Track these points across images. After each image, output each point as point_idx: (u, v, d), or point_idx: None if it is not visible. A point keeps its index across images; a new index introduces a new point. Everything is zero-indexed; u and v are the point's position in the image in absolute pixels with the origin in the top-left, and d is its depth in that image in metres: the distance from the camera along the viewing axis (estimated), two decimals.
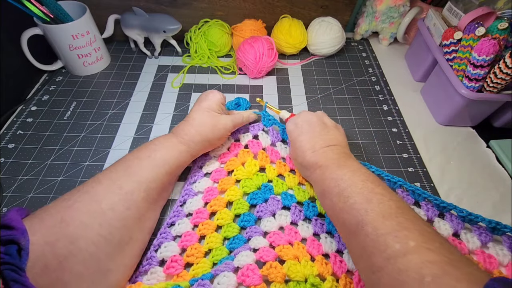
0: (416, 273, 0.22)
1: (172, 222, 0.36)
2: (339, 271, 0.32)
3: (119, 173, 0.31)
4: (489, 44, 0.38)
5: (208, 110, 0.39)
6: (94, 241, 0.27)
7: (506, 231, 0.35)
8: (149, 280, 0.31)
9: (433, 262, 0.23)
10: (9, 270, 0.22)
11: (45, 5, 0.46)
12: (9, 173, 0.40)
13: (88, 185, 0.30)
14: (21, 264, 0.22)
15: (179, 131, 0.38)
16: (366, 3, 0.62)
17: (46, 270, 0.24)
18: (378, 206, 0.28)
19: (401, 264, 0.23)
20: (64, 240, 0.25)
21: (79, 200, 0.28)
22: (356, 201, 0.29)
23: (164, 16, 0.54)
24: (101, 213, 0.28)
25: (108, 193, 0.30)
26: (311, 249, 0.34)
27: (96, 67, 0.55)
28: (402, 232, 0.25)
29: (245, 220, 0.36)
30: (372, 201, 0.28)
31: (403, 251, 0.24)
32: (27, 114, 0.48)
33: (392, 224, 0.26)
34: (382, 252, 0.25)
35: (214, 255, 0.34)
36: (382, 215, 0.27)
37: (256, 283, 0.29)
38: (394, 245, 0.25)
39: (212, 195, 0.38)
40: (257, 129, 0.46)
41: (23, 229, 0.24)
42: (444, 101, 0.49)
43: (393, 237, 0.25)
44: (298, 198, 0.39)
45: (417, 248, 0.24)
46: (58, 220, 0.26)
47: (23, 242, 0.23)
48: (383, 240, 0.25)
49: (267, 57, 0.52)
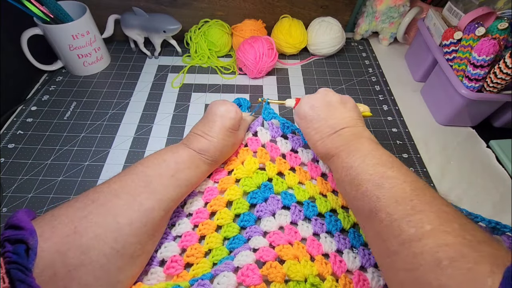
0: (432, 257, 0.22)
1: (173, 223, 0.36)
2: (338, 270, 0.32)
3: (139, 189, 0.30)
4: (489, 44, 0.38)
5: (232, 130, 0.38)
6: (106, 254, 0.26)
7: (505, 231, 0.35)
8: (149, 280, 0.31)
9: (449, 245, 0.22)
10: (16, 269, 0.22)
11: (45, 5, 0.46)
12: (9, 173, 0.40)
13: (103, 197, 0.29)
14: (28, 264, 0.22)
15: (203, 151, 0.36)
16: (366, 3, 0.62)
17: (55, 278, 0.24)
18: (390, 191, 0.27)
19: (416, 248, 0.23)
20: (76, 251, 0.25)
21: (94, 212, 0.27)
22: (367, 188, 0.28)
23: (164, 16, 0.54)
24: (118, 228, 0.28)
25: (127, 209, 0.29)
26: (311, 249, 0.34)
27: (96, 67, 0.55)
28: (417, 216, 0.24)
29: (245, 220, 0.36)
30: (383, 186, 0.28)
31: (418, 235, 0.23)
32: (27, 114, 0.48)
33: (406, 209, 0.25)
34: (397, 237, 0.25)
35: (214, 255, 0.34)
36: (395, 200, 0.26)
37: (256, 283, 0.29)
38: (409, 230, 0.24)
39: (212, 195, 0.38)
40: (256, 125, 0.45)
41: (31, 230, 0.24)
42: (444, 101, 0.49)
43: (407, 221, 0.24)
44: (298, 197, 0.39)
45: (433, 231, 0.23)
46: (71, 230, 0.26)
47: (32, 242, 0.23)
48: (397, 225, 0.25)
49: (267, 57, 0.52)
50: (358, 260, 0.33)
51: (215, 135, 0.36)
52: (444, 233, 0.23)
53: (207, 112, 0.39)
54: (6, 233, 0.24)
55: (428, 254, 0.22)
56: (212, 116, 0.37)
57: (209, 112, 0.38)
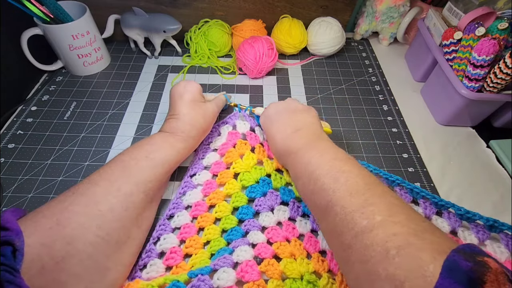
0: (382, 247, 0.23)
1: (172, 214, 0.37)
2: (335, 268, 0.32)
3: (116, 174, 0.31)
4: (489, 44, 0.38)
5: (194, 101, 0.39)
6: (91, 242, 0.27)
7: (503, 229, 0.35)
8: (148, 273, 0.32)
9: (397, 234, 0.23)
10: (4, 271, 0.21)
11: (45, 5, 0.46)
12: (9, 173, 0.40)
13: (83, 187, 0.29)
14: (16, 265, 0.22)
15: (174, 129, 0.37)
16: (366, 3, 0.62)
17: (43, 271, 0.24)
18: (346, 184, 0.28)
19: (368, 239, 0.24)
20: (61, 242, 0.25)
21: (75, 202, 0.28)
22: (324, 182, 0.29)
23: (164, 16, 0.54)
24: (99, 215, 0.28)
25: (106, 195, 0.29)
26: (308, 245, 0.34)
27: (96, 67, 0.55)
28: (369, 208, 0.25)
29: (243, 213, 0.37)
30: (339, 180, 0.28)
31: (370, 226, 0.24)
32: (27, 114, 0.48)
33: (359, 201, 0.26)
34: (351, 230, 0.25)
35: (212, 245, 0.34)
36: (350, 193, 0.27)
37: (255, 279, 0.30)
38: (362, 222, 0.25)
39: (211, 188, 0.39)
40: (253, 123, 0.46)
41: (18, 230, 0.24)
42: (444, 101, 0.49)
43: (360, 214, 0.25)
44: (296, 193, 0.39)
45: (383, 222, 0.24)
46: (54, 222, 0.26)
47: (18, 243, 0.23)
48: (351, 218, 0.26)
49: (267, 57, 0.52)
50: None
51: (179, 111, 0.38)
52: (392, 224, 0.24)
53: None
54: None
55: (378, 245, 0.23)
56: (172, 97, 0.40)
57: (170, 96, 0.41)
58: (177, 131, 0.37)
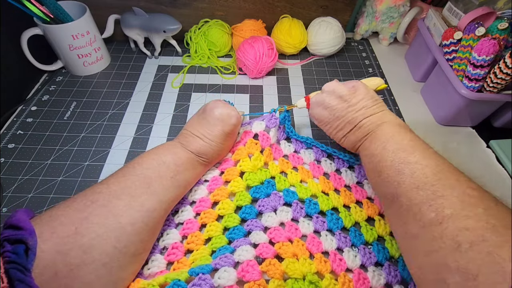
0: (452, 241, 0.22)
1: (176, 209, 0.37)
2: (338, 269, 0.32)
3: (139, 190, 0.30)
4: (489, 44, 0.38)
5: (231, 134, 0.39)
6: (108, 253, 0.27)
7: None
8: (149, 269, 0.32)
9: (470, 229, 0.22)
10: (15, 269, 0.22)
11: (45, 5, 0.46)
12: (9, 173, 0.40)
13: (103, 198, 0.29)
14: (27, 264, 0.23)
15: (200, 152, 0.36)
16: (366, 3, 0.62)
17: (56, 278, 0.24)
18: (412, 176, 0.27)
19: (436, 232, 0.24)
20: (77, 250, 0.25)
21: (95, 213, 0.27)
22: (388, 175, 0.29)
23: (164, 16, 0.54)
24: (119, 227, 0.28)
25: (128, 209, 0.29)
26: (311, 246, 0.34)
27: (96, 67, 0.55)
28: (438, 201, 0.25)
29: (246, 212, 0.37)
30: (403, 172, 0.28)
31: (439, 219, 0.24)
32: (27, 114, 0.48)
33: (426, 194, 0.26)
34: (418, 221, 0.25)
35: (213, 242, 0.34)
36: (416, 186, 0.27)
37: (256, 278, 0.30)
38: (429, 214, 0.25)
39: (216, 184, 0.39)
40: (273, 124, 0.43)
41: (31, 230, 0.24)
42: (444, 101, 0.49)
43: (428, 206, 0.25)
44: (300, 195, 0.39)
45: (453, 216, 0.23)
46: (72, 231, 0.26)
47: (31, 242, 0.24)
48: (418, 209, 0.25)
49: (267, 57, 0.52)
50: (358, 258, 0.33)
51: (215, 139, 0.37)
52: (465, 218, 0.23)
53: (206, 113, 0.37)
54: (6, 233, 0.24)
55: (448, 238, 0.23)
56: (213, 120, 0.37)
57: (209, 114, 0.37)
58: (203, 155, 0.37)
